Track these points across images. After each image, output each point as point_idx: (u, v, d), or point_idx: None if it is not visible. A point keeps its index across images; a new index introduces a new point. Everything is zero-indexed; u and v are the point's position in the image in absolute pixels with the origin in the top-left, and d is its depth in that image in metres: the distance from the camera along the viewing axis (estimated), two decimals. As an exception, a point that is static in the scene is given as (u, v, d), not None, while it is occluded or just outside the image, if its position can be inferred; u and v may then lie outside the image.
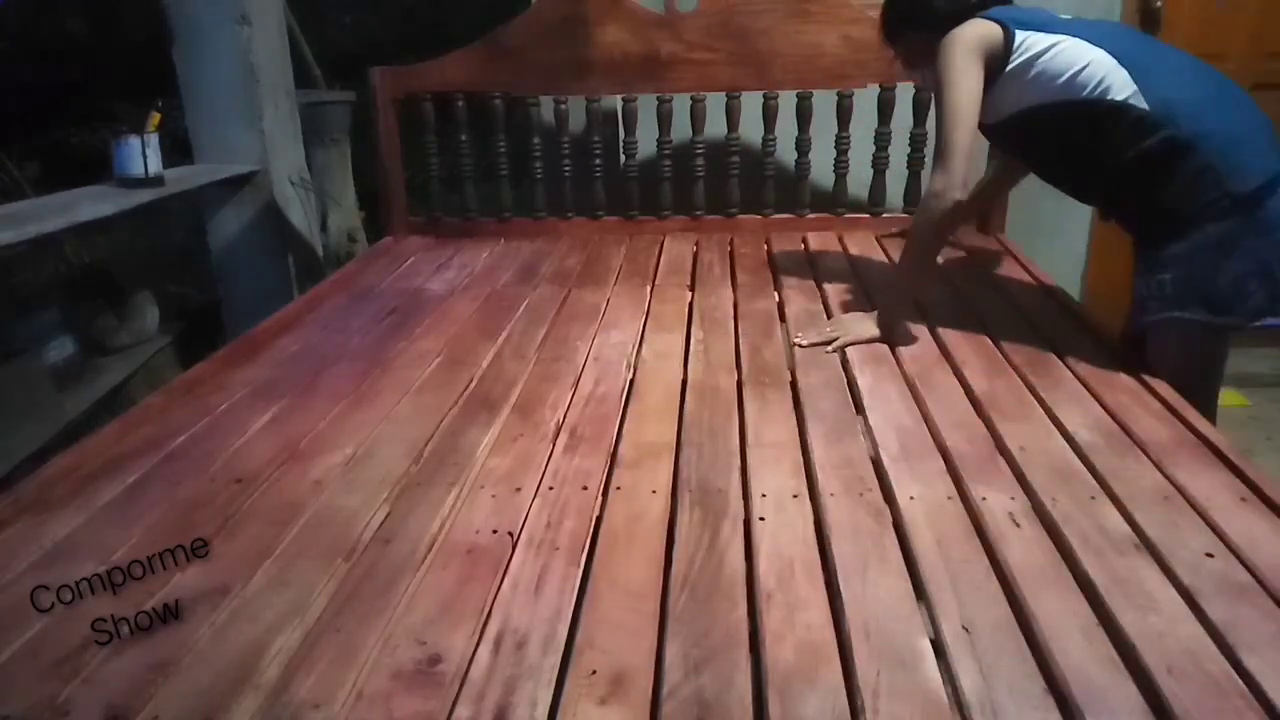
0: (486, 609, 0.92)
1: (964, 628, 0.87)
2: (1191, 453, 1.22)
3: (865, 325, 1.66)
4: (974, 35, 1.52)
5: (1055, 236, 2.70)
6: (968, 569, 0.97)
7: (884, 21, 1.73)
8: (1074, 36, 1.50)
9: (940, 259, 2.16)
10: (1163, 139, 1.42)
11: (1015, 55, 1.51)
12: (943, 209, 1.51)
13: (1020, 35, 1.51)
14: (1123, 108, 1.44)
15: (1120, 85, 1.44)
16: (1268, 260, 1.40)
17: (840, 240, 2.39)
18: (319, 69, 3.80)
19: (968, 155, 1.50)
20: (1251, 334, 1.46)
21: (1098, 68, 1.46)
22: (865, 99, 2.37)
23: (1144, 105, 1.43)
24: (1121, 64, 1.45)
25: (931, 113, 2.35)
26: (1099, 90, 1.45)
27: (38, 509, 1.15)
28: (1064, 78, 1.47)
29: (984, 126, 1.66)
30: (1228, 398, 2.72)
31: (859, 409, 1.39)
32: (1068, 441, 1.26)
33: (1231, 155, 1.40)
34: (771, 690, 0.80)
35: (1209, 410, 1.50)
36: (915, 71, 1.77)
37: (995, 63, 1.52)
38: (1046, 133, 1.56)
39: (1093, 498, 1.11)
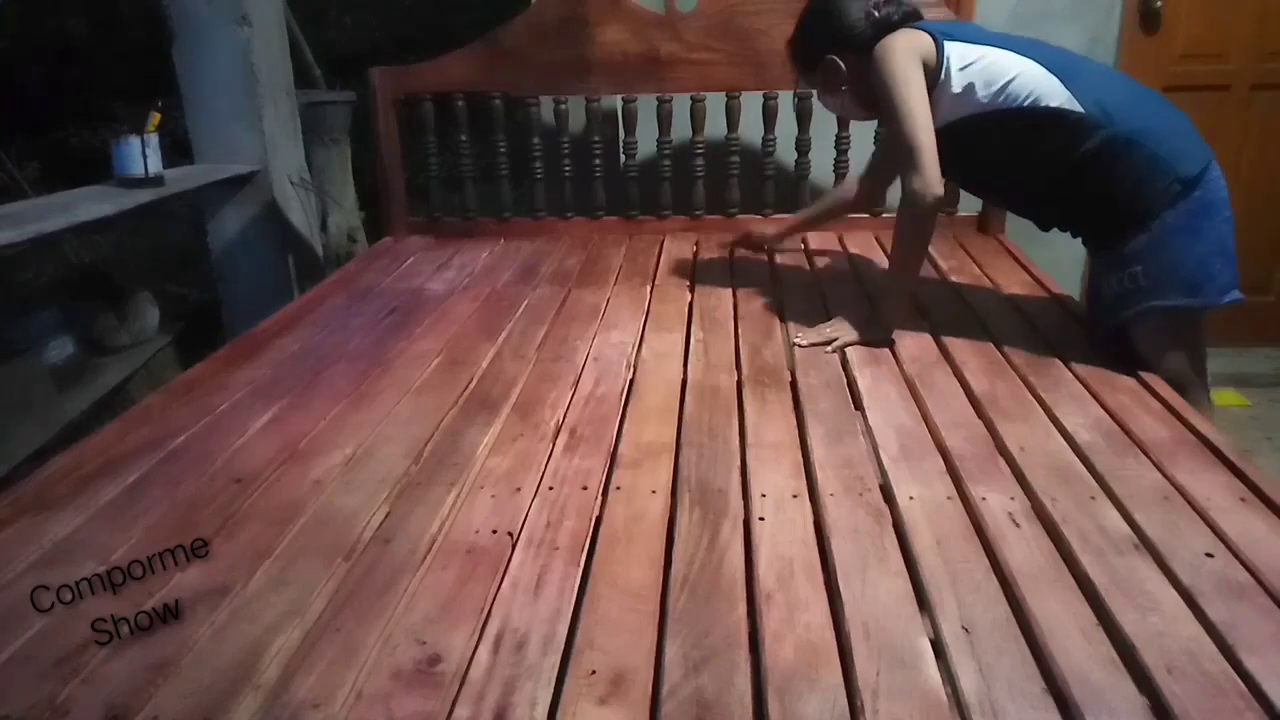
0: (486, 609, 0.92)
1: (964, 628, 0.87)
2: (1191, 453, 1.22)
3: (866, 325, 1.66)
4: (909, 43, 1.54)
5: (1055, 237, 2.69)
6: (967, 569, 0.97)
7: (796, 50, 1.70)
8: (997, 48, 1.53)
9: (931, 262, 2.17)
10: (1104, 138, 1.46)
11: (944, 66, 1.52)
12: (924, 207, 1.51)
13: (949, 47, 1.53)
14: (1059, 113, 1.47)
15: (1052, 92, 1.48)
16: (1223, 237, 1.45)
17: (840, 240, 2.39)
18: (319, 69, 3.81)
19: (934, 151, 1.49)
20: (1220, 311, 1.48)
21: (1027, 77, 1.49)
22: (865, 99, 2.37)
23: (1079, 109, 1.46)
24: (1050, 71, 1.48)
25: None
26: (1031, 99, 1.48)
27: (38, 509, 1.15)
28: (995, 88, 1.50)
29: None
30: (1228, 398, 2.72)
31: (859, 409, 1.39)
32: (1068, 441, 1.26)
33: (1171, 143, 1.45)
34: (771, 690, 0.80)
35: (1202, 396, 1.52)
36: (834, 98, 1.72)
37: (929, 73, 1.53)
38: (984, 143, 1.56)
39: (1093, 498, 1.11)
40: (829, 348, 1.61)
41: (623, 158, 2.50)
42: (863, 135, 2.41)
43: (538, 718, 0.77)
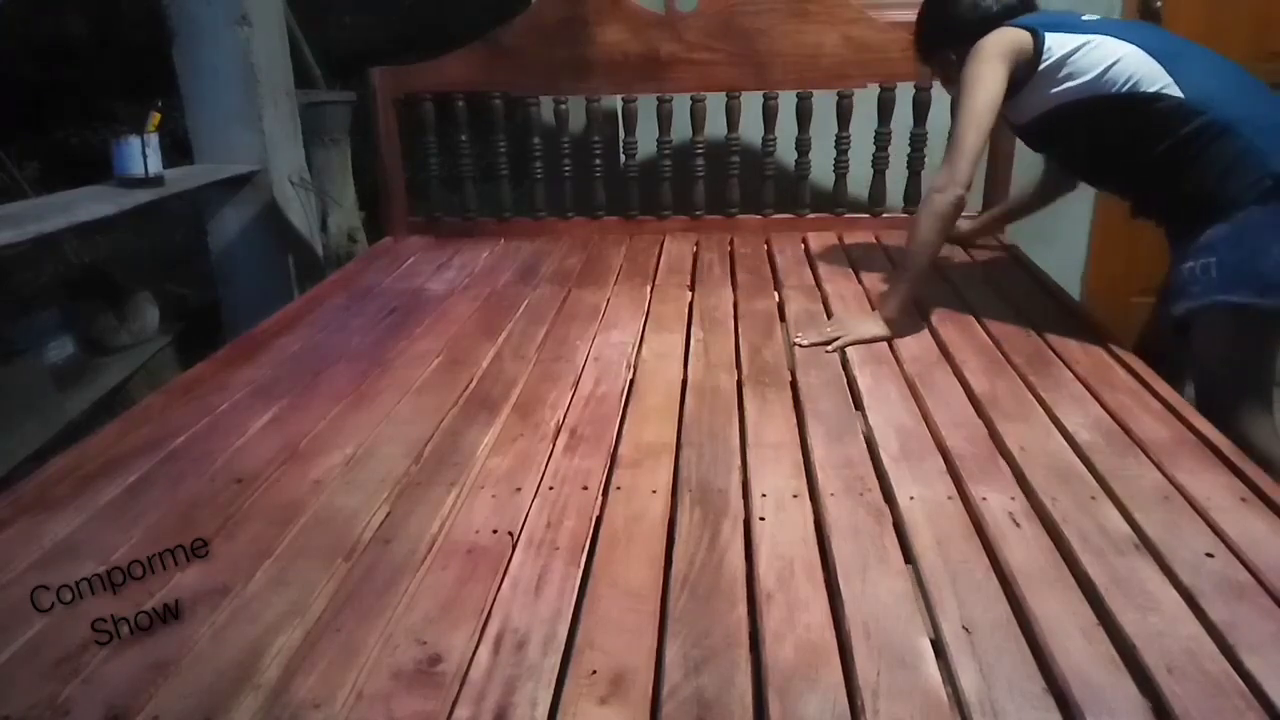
0: (486, 609, 0.92)
1: (964, 628, 0.87)
2: (1191, 453, 1.22)
3: (866, 324, 1.66)
4: (1000, 41, 1.55)
5: (1055, 238, 2.70)
6: (968, 569, 0.97)
7: (917, 43, 1.77)
8: (1102, 34, 1.52)
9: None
10: (1200, 125, 1.43)
11: (1045, 58, 1.53)
12: (945, 203, 1.56)
13: (1049, 38, 1.53)
14: (1156, 99, 1.45)
15: (1152, 77, 1.46)
16: None
17: (840, 240, 2.39)
18: (319, 69, 3.81)
19: (975, 157, 1.54)
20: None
21: (1128, 63, 1.47)
22: (865, 99, 2.37)
23: (1179, 94, 1.44)
24: (1153, 57, 1.47)
25: (931, 112, 2.38)
26: (1130, 84, 1.47)
27: (38, 509, 1.15)
28: (1093, 74, 1.49)
29: (1016, 127, 1.71)
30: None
31: (859, 409, 1.39)
32: (1068, 441, 1.26)
33: (1270, 137, 1.41)
34: (771, 690, 0.80)
35: (1265, 401, 1.47)
36: (953, 86, 1.72)
37: (1025, 67, 1.55)
38: (1079, 129, 1.57)
39: (1093, 498, 1.11)
40: (829, 347, 1.61)
41: (623, 158, 2.50)
42: (863, 135, 2.41)
43: (538, 718, 0.78)
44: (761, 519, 1.08)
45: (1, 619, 0.93)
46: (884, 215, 2.48)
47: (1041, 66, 1.53)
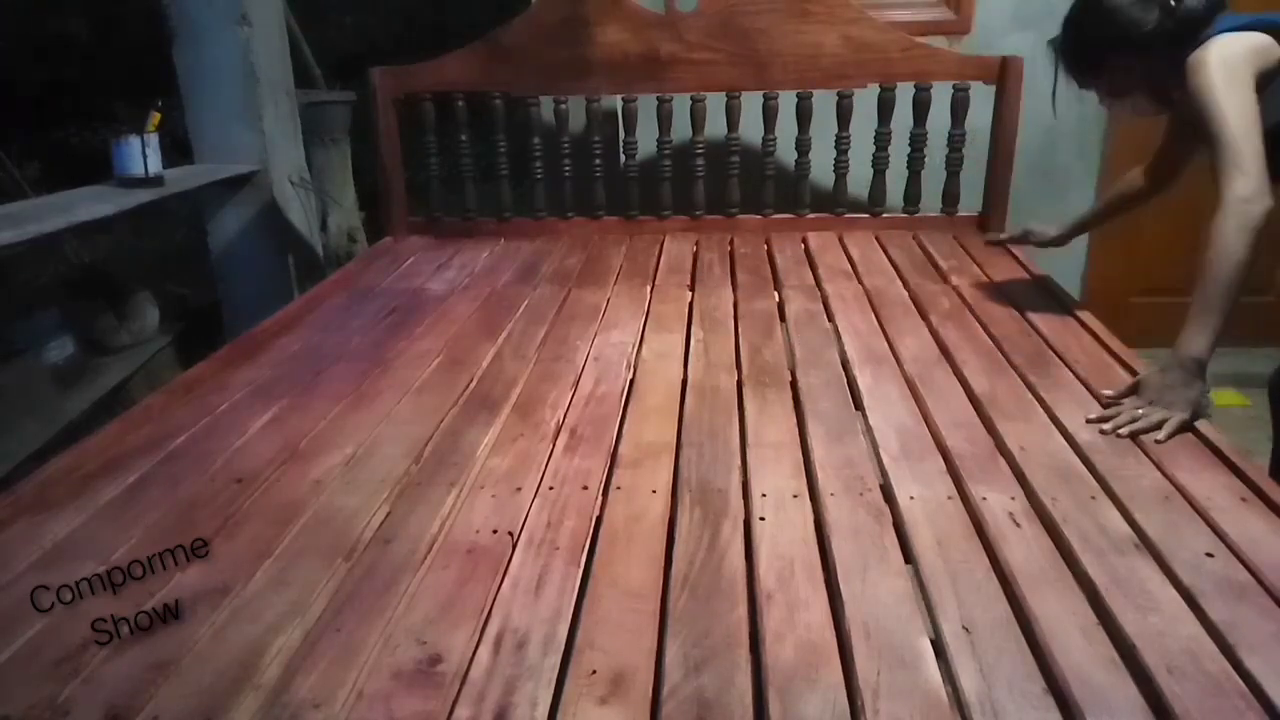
0: (486, 609, 0.92)
1: (964, 628, 0.87)
2: (1191, 453, 1.22)
3: (1184, 388, 1.30)
4: (1245, 47, 1.33)
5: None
6: (968, 569, 0.97)
7: (1077, 55, 1.51)
8: None
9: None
10: None
11: None
12: (1258, 215, 1.25)
13: None
14: None
15: None
16: None
17: (840, 240, 2.39)
18: (319, 69, 3.81)
19: (1262, 155, 1.27)
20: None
21: None
22: (865, 99, 2.37)
23: None
24: None
25: (930, 113, 2.38)
26: None
27: (38, 509, 1.15)
28: None
29: None
30: (1228, 398, 2.72)
31: (859, 409, 1.39)
32: (1068, 441, 1.26)
33: None
34: (771, 690, 0.80)
35: None
36: (1123, 101, 1.51)
37: (1263, 77, 1.33)
38: None
39: (1093, 498, 1.11)
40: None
41: (623, 158, 2.50)
42: (863, 135, 2.41)
43: (538, 718, 0.77)
44: (761, 519, 1.08)
45: (1, 619, 0.93)
46: (884, 215, 2.48)
47: None
